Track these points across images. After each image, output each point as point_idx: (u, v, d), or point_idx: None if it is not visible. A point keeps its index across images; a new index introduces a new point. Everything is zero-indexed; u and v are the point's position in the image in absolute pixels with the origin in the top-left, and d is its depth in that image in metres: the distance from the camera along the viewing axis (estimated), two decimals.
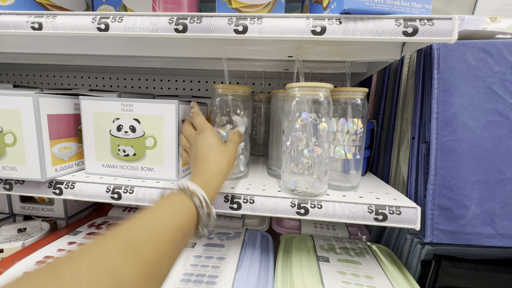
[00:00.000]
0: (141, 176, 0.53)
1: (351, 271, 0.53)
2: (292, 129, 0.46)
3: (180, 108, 0.51)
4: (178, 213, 0.30)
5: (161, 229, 0.27)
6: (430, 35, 0.39)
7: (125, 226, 0.26)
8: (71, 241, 0.60)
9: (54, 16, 0.44)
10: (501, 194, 0.44)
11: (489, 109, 0.44)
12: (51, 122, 0.49)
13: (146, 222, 0.27)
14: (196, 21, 0.42)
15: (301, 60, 0.48)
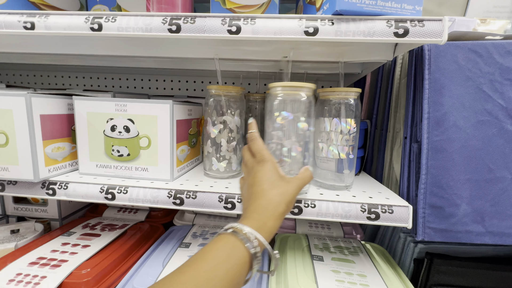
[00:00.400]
0: (135, 176, 0.53)
1: (345, 270, 0.53)
2: (273, 128, 0.46)
3: (175, 108, 0.51)
4: (232, 265, 0.29)
5: (217, 282, 0.27)
6: (420, 36, 0.39)
7: (178, 276, 0.26)
8: (65, 242, 0.59)
9: (46, 15, 0.44)
10: (490, 193, 0.45)
11: (479, 109, 0.44)
12: (44, 122, 0.49)
13: (199, 274, 0.27)
14: (189, 21, 0.42)
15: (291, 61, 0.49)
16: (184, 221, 0.77)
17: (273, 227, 0.35)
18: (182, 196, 0.48)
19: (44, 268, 0.50)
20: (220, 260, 0.29)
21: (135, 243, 0.63)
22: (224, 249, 0.30)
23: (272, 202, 0.36)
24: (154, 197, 0.48)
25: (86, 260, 0.53)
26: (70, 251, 0.56)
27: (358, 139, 0.53)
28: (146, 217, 0.78)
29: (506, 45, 0.44)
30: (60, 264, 0.51)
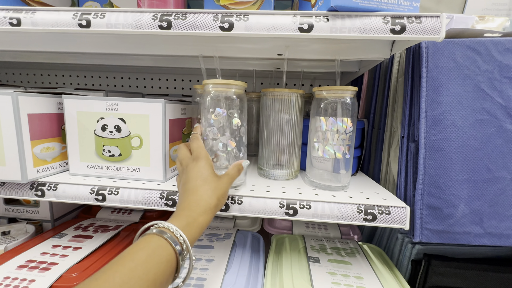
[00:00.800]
0: (127, 177, 0.52)
1: (341, 272, 0.52)
2: (207, 124, 0.47)
3: (167, 107, 0.50)
4: (154, 264, 0.28)
5: (130, 285, 0.26)
6: (417, 33, 0.38)
7: (92, 282, 0.25)
8: (56, 244, 0.58)
9: (33, 11, 0.43)
10: (489, 193, 0.44)
11: (477, 108, 0.43)
12: (32, 121, 0.48)
13: (115, 277, 0.26)
14: (180, 17, 0.41)
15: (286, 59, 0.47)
16: None
17: (204, 222, 0.36)
18: (174, 197, 0.47)
19: (33, 272, 0.48)
20: (139, 261, 0.28)
21: (128, 245, 0.61)
22: (145, 250, 0.29)
23: (203, 197, 0.37)
24: (146, 198, 0.47)
25: (77, 263, 0.52)
26: (61, 254, 0.54)
27: (354, 138, 0.52)
28: (141, 218, 0.76)
29: (505, 42, 0.43)
30: (50, 267, 0.50)
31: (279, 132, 0.55)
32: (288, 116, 0.54)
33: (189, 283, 0.48)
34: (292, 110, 0.54)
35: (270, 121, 0.56)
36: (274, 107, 0.55)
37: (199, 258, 0.55)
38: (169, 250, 0.30)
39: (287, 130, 0.55)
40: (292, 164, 0.57)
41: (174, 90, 0.97)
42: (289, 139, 0.55)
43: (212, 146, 0.48)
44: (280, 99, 0.54)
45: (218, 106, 0.47)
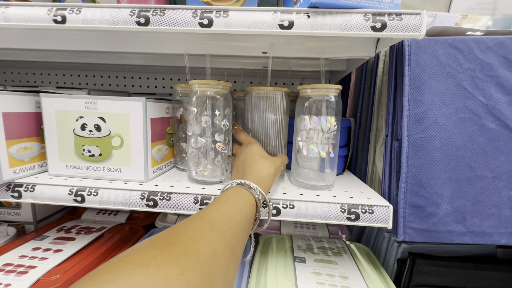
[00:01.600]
0: (107, 177, 0.51)
1: (326, 272, 0.52)
2: (194, 123, 0.50)
3: (148, 105, 0.49)
4: (244, 204, 0.35)
5: (235, 215, 0.32)
6: (398, 30, 0.38)
7: (205, 213, 0.30)
8: (36, 247, 0.57)
9: (6, 6, 0.41)
10: (471, 192, 0.44)
11: (460, 106, 0.43)
12: (8, 121, 0.46)
13: (222, 210, 0.31)
14: (159, 13, 0.40)
15: (271, 57, 0.47)
16: (167, 223, 0.74)
17: (268, 183, 0.42)
18: (155, 198, 0.46)
19: (9, 276, 0.47)
20: (234, 201, 0.34)
21: (112, 247, 0.60)
22: (235, 194, 0.36)
23: (264, 166, 0.43)
24: (126, 199, 0.46)
25: (56, 266, 0.50)
26: (40, 257, 0.53)
27: (339, 137, 0.52)
28: (127, 219, 0.75)
29: (487, 41, 0.43)
30: (28, 270, 0.48)
31: (264, 131, 0.55)
32: (273, 115, 0.54)
33: None
34: (278, 108, 0.54)
35: (255, 119, 0.55)
36: (259, 106, 0.54)
37: None
38: (251, 196, 0.37)
39: (272, 129, 0.54)
40: None
41: (163, 89, 0.96)
42: (275, 138, 0.55)
43: (197, 142, 0.49)
44: (265, 97, 0.53)
45: (203, 105, 0.48)
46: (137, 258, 0.21)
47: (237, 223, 0.31)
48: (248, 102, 0.56)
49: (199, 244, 0.25)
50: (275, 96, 0.53)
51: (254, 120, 0.55)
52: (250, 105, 0.56)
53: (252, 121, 0.55)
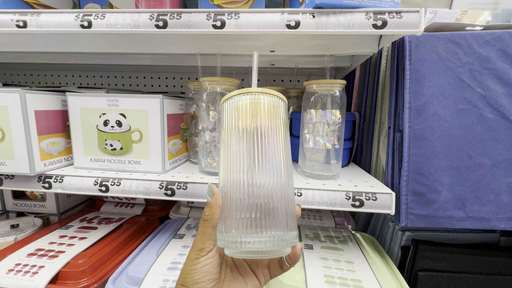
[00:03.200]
0: (128, 169, 0.55)
1: (333, 257, 0.55)
2: (206, 117, 0.53)
3: (165, 102, 0.52)
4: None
5: None
6: (398, 27, 0.40)
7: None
8: (63, 235, 0.61)
9: (38, 14, 0.46)
10: (471, 179, 0.46)
11: (459, 98, 0.46)
12: (39, 118, 0.51)
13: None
14: (176, 17, 0.43)
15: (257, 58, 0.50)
16: (180, 214, 0.79)
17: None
18: (173, 187, 0.50)
19: (42, 259, 0.52)
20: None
21: (130, 235, 0.65)
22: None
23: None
24: (146, 188, 0.50)
25: (83, 251, 0.55)
26: (68, 243, 0.58)
27: (344, 130, 0.54)
28: (143, 211, 0.79)
29: (484, 35, 0.45)
30: (58, 254, 0.53)
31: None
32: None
33: None
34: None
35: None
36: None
37: None
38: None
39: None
40: None
41: (173, 88, 1.00)
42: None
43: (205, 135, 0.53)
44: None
45: (213, 101, 0.51)
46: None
47: None
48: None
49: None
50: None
51: None
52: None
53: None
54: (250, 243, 0.25)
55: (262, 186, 0.26)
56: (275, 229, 0.26)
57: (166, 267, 0.51)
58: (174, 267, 0.51)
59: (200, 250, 0.28)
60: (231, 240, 0.26)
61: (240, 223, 0.26)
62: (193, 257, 0.28)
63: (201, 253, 0.28)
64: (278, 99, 0.30)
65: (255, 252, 0.26)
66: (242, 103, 0.29)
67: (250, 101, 0.29)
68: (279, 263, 0.32)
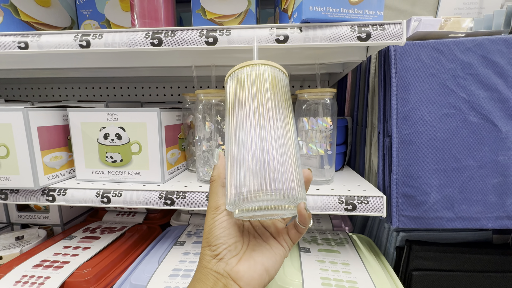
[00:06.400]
0: (129, 180, 0.57)
1: (329, 259, 0.57)
2: (202, 128, 0.56)
3: (162, 115, 0.54)
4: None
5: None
6: (382, 39, 0.43)
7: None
8: (67, 245, 0.63)
9: (39, 35, 0.48)
10: (458, 181, 0.48)
11: (444, 103, 0.48)
12: (41, 133, 0.53)
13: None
14: (170, 35, 0.46)
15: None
16: (180, 222, 0.80)
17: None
18: (172, 197, 0.51)
19: (47, 270, 0.53)
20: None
21: (133, 244, 0.66)
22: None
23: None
24: (147, 198, 0.52)
25: (87, 261, 0.56)
26: (72, 253, 0.59)
27: (336, 135, 0.56)
28: (144, 219, 0.81)
29: (466, 42, 0.47)
30: (63, 265, 0.55)
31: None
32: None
33: (189, 274, 0.52)
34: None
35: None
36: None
37: (198, 252, 0.60)
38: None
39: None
40: None
41: (171, 97, 1.02)
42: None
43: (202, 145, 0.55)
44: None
45: (208, 112, 0.53)
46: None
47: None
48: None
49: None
50: None
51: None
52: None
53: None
54: (255, 199, 0.26)
55: (267, 147, 0.27)
56: (281, 185, 0.26)
57: (168, 274, 0.52)
58: (175, 274, 0.52)
59: (215, 208, 0.30)
60: (238, 199, 0.27)
61: (246, 182, 0.27)
62: (210, 217, 0.30)
63: (216, 212, 0.30)
64: (279, 71, 0.31)
65: (261, 208, 0.27)
66: (245, 75, 0.30)
67: (253, 72, 0.30)
68: (295, 227, 0.33)
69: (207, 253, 0.30)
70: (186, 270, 0.53)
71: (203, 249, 0.31)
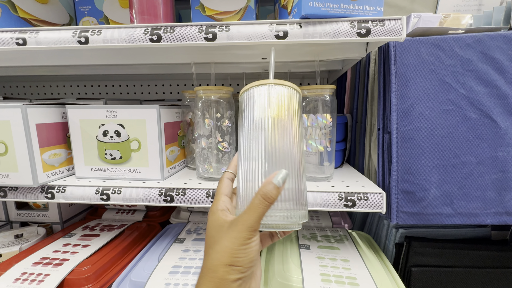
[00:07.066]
0: (128, 177, 0.56)
1: (329, 256, 0.57)
2: (201, 125, 0.55)
3: (162, 112, 0.54)
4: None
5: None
6: (382, 35, 0.42)
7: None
8: (66, 243, 0.63)
9: (37, 31, 0.47)
10: (457, 177, 0.48)
11: (443, 100, 0.48)
12: (40, 131, 0.52)
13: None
14: (169, 31, 0.45)
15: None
16: (180, 219, 0.80)
17: (215, 279, 0.27)
18: (172, 194, 0.51)
19: (47, 267, 0.53)
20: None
21: (132, 241, 0.66)
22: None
23: (203, 272, 0.29)
24: (146, 195, 0.52)
25: (86, 258, 0.56)
26: (71, 251, 0.59)
27: (335, 132, 0.56)
28: (144, 217, 0.81)
29: (465, 39, 0.47)
30: (62, 262, 0.55)
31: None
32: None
33: (189, 271, 0.52)
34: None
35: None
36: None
37: (198, 249, 0.60)
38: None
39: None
40: None
41: (170, 95, 1.02)
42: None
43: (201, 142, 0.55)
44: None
45: (208, 109, 0.53)
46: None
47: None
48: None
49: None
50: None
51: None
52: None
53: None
54: (270, 217, 0.29)
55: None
56: (289, 206, 0.29)
57: (167, 271, 0.52)
58: (175, 271, 0.52)
59: (254, 230, 0.28)
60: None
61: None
62: (245, 236, 0.27)
63: (254, 233, 0.28)
64: (292, 90, 0.32)
65: (272, 225, 0.30)
66: (260, 93, 0.31)
67: (266, 92, 0.31)
68: (269, 236, 0.36)
69: (232, 274, 0.27)
70: (186, 267, 0.53)
71: (221, 266, 0.27)
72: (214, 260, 0.28)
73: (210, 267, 0.28)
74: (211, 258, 0.28)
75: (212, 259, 0.28)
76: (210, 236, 0.30)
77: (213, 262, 0.28)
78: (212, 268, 0.28)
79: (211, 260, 0.28)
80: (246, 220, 0.28)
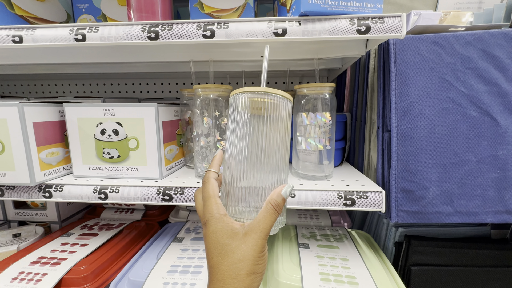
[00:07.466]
0: (126, 176, 0.56)
1: (328, 255, 0.57)
2: (200, 123, 0.55)
3: (160, 110, 0.54)
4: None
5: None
6: (381, 32, 0.42)
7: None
8: (64, 242, 0.63)
9: (33, 29, 0.47)
10: (457, 175, 0.48)
11: (443, 98, 0.47)
12: (37, 129, 0.52)
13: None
14: (167, 28, 0.45)
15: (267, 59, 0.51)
16: (179, 218, 0.80)
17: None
18: (170, 193, 0.51)
19: (45, 266, 0.53)
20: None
21: (131, 241, 0.66)
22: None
23: (225, 282, 0.28)
24: (144, 194, 0.51)
25: (84, 257, 0.56)
26: (69, 250, 0.59)
27: (335, 131, 0.56)
28: (142, 216, 0.81)
29: (466, 36, 0.47)
30: (60, 262, 0.54)
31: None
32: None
33: (187, 270, 0.52)
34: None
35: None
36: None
37: (196, 249, 0.60)
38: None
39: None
40: None
41: (169, 94, 1.02)
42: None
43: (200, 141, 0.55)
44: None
45: (207, 107, 0.52)
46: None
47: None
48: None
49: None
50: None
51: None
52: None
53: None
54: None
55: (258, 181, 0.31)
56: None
57: (166, 270, 0.52)
58: (174, 270, 0.52)
59: (267, 237, 0.30)
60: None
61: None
62: (263, 244, 0.29)
63: (266, 240, 0.30)
64: (281, 99, 0.32)
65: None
66: (246, 100, 0.31)
67: (254, 99, 0.31)
68: None
69: (256, 281, 0.28)
70: (184, 266, 0.53)
71: (249, 275, 0.28)
72: (238, 270, 0.28)
73: (235, 277, 0.27)
74: (233, 268, 0.28)
75: (235, 269, 0.28)
76: (223, 244, 0.29)
77: (236, 271, 0.28)
78: (238, 278, 0.27)
79: (235, 270, 0.28)
80: (264, 228, 0.29)
